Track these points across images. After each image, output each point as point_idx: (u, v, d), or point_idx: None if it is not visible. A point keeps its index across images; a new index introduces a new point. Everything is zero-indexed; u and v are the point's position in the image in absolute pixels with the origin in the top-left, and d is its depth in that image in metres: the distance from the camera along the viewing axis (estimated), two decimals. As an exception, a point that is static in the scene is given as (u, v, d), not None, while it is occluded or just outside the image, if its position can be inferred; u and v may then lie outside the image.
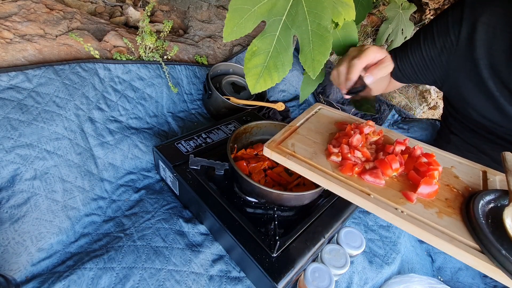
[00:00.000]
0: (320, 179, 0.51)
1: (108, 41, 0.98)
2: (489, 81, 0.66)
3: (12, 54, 0.77)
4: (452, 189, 0.51)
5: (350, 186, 0.49)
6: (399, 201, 0.47)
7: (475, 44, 0.65)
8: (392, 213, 0.44)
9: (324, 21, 0.54)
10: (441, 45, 0.71)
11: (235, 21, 0.53)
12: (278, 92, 1.31)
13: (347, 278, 0.68)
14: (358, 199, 0.47)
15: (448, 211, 0.46)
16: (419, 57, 0.74)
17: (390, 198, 0.47)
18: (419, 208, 0.46)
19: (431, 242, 0.42)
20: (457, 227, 0.43)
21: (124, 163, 0.80)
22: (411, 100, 1.88)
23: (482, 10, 0.64)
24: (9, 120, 0.66)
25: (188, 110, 1.07)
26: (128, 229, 0.66)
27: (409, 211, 0.45)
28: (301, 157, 0.56)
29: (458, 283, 0.80)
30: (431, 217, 0.44)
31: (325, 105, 0.76)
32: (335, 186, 0.50)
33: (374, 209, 0.46)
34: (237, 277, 0.63)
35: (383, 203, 0.46)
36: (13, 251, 0.57)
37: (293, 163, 0.54)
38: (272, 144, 0.58)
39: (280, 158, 0.56)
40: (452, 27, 0.68)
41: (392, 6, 1.65)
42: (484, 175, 0.55)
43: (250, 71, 0.57)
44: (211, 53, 1.26)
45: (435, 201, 0.48)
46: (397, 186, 0.50)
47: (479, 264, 0.38)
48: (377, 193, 0.48)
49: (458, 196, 0.50)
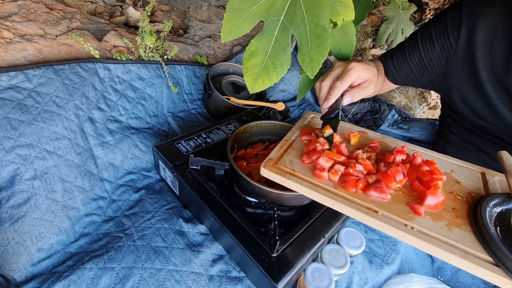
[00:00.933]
0: (323, 199, 0.49)
1: (108, 41, 0.98)
2: (487, 83, 0.66)
3: (12, 54, 0.77)
4: (456, 196, 0.50)
5: (356, 204, 0.47)
6: (408, 216, 0.45)
7: (475, 45, 0.65)
8: (402, 230, 0.43)
9: (322, 21, 0.54)
10: (440, 47, 0.70)
11: (233, 22, 0.53)
12: (278, 92, 1.31)
13: (347, 278, 0.68)
14: (366, 218, 0.45)
15: (457, 222, 0.45)
16: (418, 58, 0.74)
17: (398, 214, 0.46)
18: (428, 222, 0.45)
19: (445, 258, 0.40)
20: (469, 240, 0.42)
21: (124, 163, 0.80)
22: (411, 100, 1.88)
23: (481, 12, 0.64)
24: (9, 120, 0.66)
25: (188, 110, 1.07)
26: (128, 229, 0.66)
27: (419, 226, 0.43)
28: (301, 175, 0.53)
29: (458, 283, 0.79)
30: (441, 231, 0.43)
31: (317, 112, 0.75)
32: (340, 205, 0.47)
33: (383, 227, 0.44)
34: (237, 277, 0.63)
35: (392, 220, 0.44)
36: (13, 251, 0.57)
37: (293, 183, 0.51)
38: (269, 163, 0.55)
39: (280, 179, 0.53)
40: (451, 29, 0.68)
41: (392, 6, 1.65)
42: (483, 177, 0.55)
43: (248, 71, 0.57)
44: (211, 53, 1.26)
45: (443, 212, 0.46)
46: (403, 199, 0.49)
47: (496, 280, 0.37)
48: (384, 209, 0.46)
49: (464, 204, 0.49)
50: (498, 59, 0.63)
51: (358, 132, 0.67)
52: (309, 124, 0.71)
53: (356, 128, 0.70)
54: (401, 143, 0.63)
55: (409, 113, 1.44)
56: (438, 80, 0.75)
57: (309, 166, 0.55)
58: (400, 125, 1.19)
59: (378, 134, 0.68)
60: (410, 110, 1.84)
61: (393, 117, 1.40)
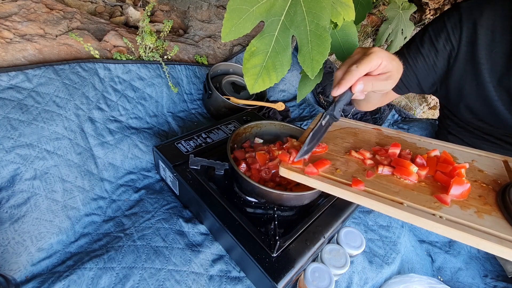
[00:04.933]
0: (347, 194, 0.48)
1: (108, 41, 0.98)
2: (489, 84, 0.66)
3: (12, 54, 0.77)
4: (481, 184, 0.50)
5: (380, 196, 0.47)
6: (434, 206, 0.44)
7: (477, 47, 0.65)
8: (431, 220, 0.41)
9: (323, 21, 0.54)
10: (443, 49, 0.70)
11: (233, 22, 0.52)
12: (278, 92, 1.31)
13: (347, 278, 0.68)
14: (391, 210, 0.44)
15: (486, 209, 0.44)
16: (422, 64, 0.74)
17: (424, 204, 0.45)
18: (456, 210, 0.43)
19: (479, 245, 0.39)
20: (501, 226, 0.41)
21: (124, 163, 0.80)
22: (411, 100, 1.88)
23: (480, 13, 0.64)
24: (9, 120, 0.66)
25: (188, 110, 1.07)
26: (128, 229, 0.66)
27: (448, 215, 0.42)
28: (321, 173, 0.53)
29: (458, 283, 0.80)
30: (472, 219, 0.42)
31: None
32: (364, 199, 0.47)
33: (410, 218, 0.43)
34: (237, 277, 0.63)
35: (418, 211, 0.43)
36: (13, 251, 0.57)
37: (314, 181, 0.51)
38: (287, 163, 0.56)
39: (300, 177, 0.53)
40: (452, 32, 0.68)
41: (392, 6, 1.65)
42: (506, 164, 0.54)
43: (248, 71, 0.57)
44: (211, 53, 1.26)
45: (470, 200, 0.46)
46: (427, 190, 0.48)
47: None
48: (410, 200, 0.45)
49: (490, 191, 0.48)
50: (498, 60, 0.63)
51: (372, 129, 0.67)
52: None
53: (369, 126, 0.70)
54: (416, 137, 0.63)
55: (409, 113, 1.44)
56: (439, 83, 0.75)
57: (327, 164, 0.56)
58: (400, 125, 1.19)
59: (392, 130, 0.68)
60: (410, 110, 1.84)
61: (393, 117, 1.40)
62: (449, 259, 0.84)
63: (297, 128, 0.80)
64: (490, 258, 0.85)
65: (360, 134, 0.65)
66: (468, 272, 0.81)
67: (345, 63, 0.55)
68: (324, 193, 0.72)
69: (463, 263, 0.83)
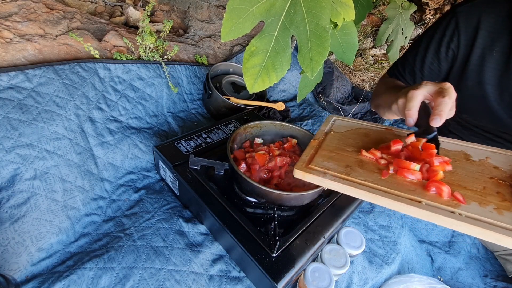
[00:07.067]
0: (365, 195, 0.48)
1: (108, 41, 0.98)
2: (488, 85, 0.66)
3: (12, 54, 0.77)
4: (498, 181, 0.49)
5: (398, 196, 0.46)
6: (453, 203, 0.44)
7: (476, 49, 0.66)
8: (451, 217, 0.41)
9: (323, 21, 0.54)
10: (445, 55, 0.72)
11: (233, 21, 0.53)
12: (278, 92, 1.31)
13: (347, 278, 0.68)
14: (410, 209, 0.44)
15: (505, 205, 0.44)
16: (428, 70, 0.76)
17: (442, 202, 0.44)
18: (475, 207, 0.43)
19: (500, 242, 0.39)
20: None
21: (124, 163, 0.80)
22: (412, 99, 1.87)
23: (478, 16, 0.65)
24: (9, 120, 0.66)
25: (188, 110, 1.07)
26: (128, 229, 0.66)
27: (467, 212, 0.42)
28: (337, 174, 0.53)
29: (458, 283, 0.80)
30: (492, 215, 0.42)
31: (336, 114, 0.75)
32: (382, 199, 0.47)
33: (429, 216, 0.43)
34: (237, 277, 0.63)
35: (437, 209, 0.43)
36: (13, 251, 0.57)
37: (331, 182, 0.51)
38: (301, 165, 0.55)
39: (316, 179, 0.53)
40: (451, 36, 0.69)
41: (392, 6, 1.65)
42: None
43: (248, 71, 0.57)
44: (211, 53, 1.26)
45: (488, 197, 0.46)
46: None
47: None
48: (428, 198, 0.45)
49: (508, 188, 0.48)
50: (497, 60, 0.64)
51: (383, 129, 0.67)
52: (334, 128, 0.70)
53: (380, 126, 0.70)
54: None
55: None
56: None
57: (342, 164, 0.55)
58: (400, 125, 1.19)
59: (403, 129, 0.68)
60: (410, 110, 1.84)
61: (393, 117, 1.40)
62: (449, 259, 0.84)
63: (297, 128, 0.80)
64: (490, 258, 0.85)
65: (372, 135, 0.65)
66: (468, 272, 0.81)
67: (420, 91, 0.53)
68: (324, 193, 0.72)
69: (463, 263, 0.83)
